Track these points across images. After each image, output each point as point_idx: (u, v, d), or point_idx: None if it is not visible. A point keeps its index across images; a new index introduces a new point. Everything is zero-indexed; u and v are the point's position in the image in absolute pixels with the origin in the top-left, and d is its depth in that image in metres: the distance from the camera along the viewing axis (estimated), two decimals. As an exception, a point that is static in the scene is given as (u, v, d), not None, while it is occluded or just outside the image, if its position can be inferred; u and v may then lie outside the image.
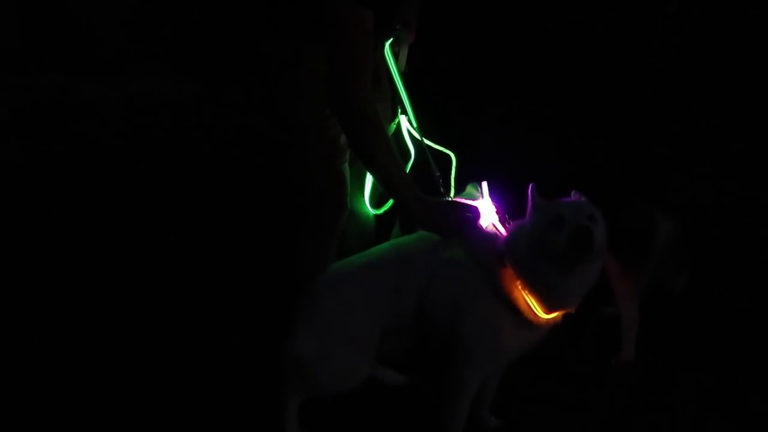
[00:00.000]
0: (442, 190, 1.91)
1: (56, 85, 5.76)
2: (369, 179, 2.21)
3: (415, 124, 2.06)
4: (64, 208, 3.82)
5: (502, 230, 1.77)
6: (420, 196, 1.78)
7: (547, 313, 1.65)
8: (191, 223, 3.63)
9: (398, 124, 2.12)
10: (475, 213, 1.76)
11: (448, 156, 2.06)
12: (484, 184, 1.87)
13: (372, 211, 2.27)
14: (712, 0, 5.35)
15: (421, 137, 2.02)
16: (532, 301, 1.63)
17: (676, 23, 5.43)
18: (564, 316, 1.72)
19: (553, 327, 1.74)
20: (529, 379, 2.32)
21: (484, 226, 1.77)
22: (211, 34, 5.91)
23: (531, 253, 1.60)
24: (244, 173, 4.23)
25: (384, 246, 1.88)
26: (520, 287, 1.63)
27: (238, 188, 4.05)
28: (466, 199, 1.86)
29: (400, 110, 2.11)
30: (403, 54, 2.08)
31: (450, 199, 1.88)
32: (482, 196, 1.85)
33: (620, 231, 2.47)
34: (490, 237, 1.74)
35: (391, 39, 2.04)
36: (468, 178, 1.99)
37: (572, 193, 1.74)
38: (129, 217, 3.73)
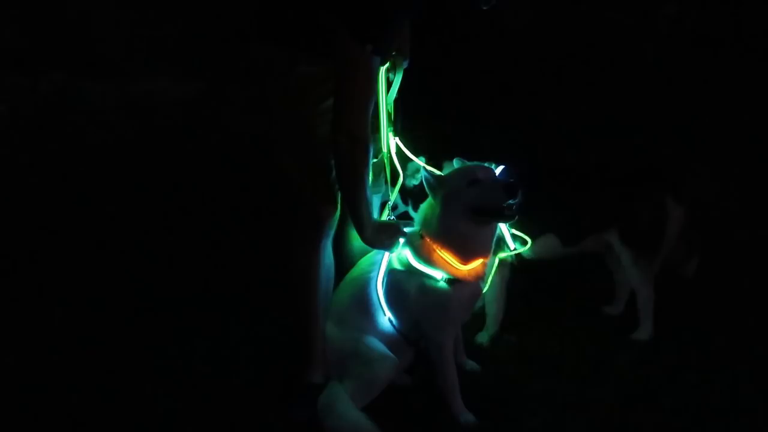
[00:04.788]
0: (388, 213, 2.27)
1: (57, 85, 5.76)
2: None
3: (393, 144, 2.28)
4: (64, 207, 3.83)
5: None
6: (372, 219, 2.09)
7: (464, 263, 2.06)
8: (191, 222, 3.64)
9: (388, 145, 2.28)
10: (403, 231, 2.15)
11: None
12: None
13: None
14: (712, 0, 5.36)
15: (389, 157, 2.28)
16: (449, 257, 2.05)
17: (676, 23, 5.44)
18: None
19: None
20: (529, 379, 2.32)
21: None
22: (211, 34, 5.91)
23: (450, 214, 2.04)
24: (243, 172, 4.24)
25: (350, 278, 2.24)
26: (437, 251, 2.06)
27: (238, 187, 4.06)
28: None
29: (392, 132, 2.29)
30: (398, 78, 2.29)
31: (392, 220, 2.23)
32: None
33: (633, 220, 2.53)
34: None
35: (387, 64, 2.22)
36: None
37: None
38: (129, 215, 3.74)
